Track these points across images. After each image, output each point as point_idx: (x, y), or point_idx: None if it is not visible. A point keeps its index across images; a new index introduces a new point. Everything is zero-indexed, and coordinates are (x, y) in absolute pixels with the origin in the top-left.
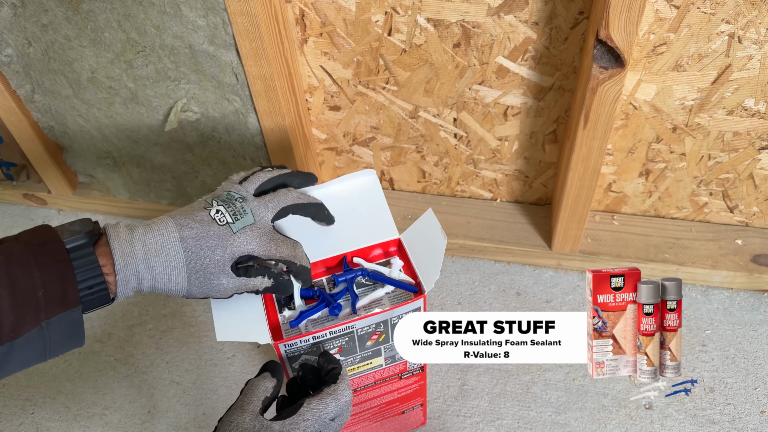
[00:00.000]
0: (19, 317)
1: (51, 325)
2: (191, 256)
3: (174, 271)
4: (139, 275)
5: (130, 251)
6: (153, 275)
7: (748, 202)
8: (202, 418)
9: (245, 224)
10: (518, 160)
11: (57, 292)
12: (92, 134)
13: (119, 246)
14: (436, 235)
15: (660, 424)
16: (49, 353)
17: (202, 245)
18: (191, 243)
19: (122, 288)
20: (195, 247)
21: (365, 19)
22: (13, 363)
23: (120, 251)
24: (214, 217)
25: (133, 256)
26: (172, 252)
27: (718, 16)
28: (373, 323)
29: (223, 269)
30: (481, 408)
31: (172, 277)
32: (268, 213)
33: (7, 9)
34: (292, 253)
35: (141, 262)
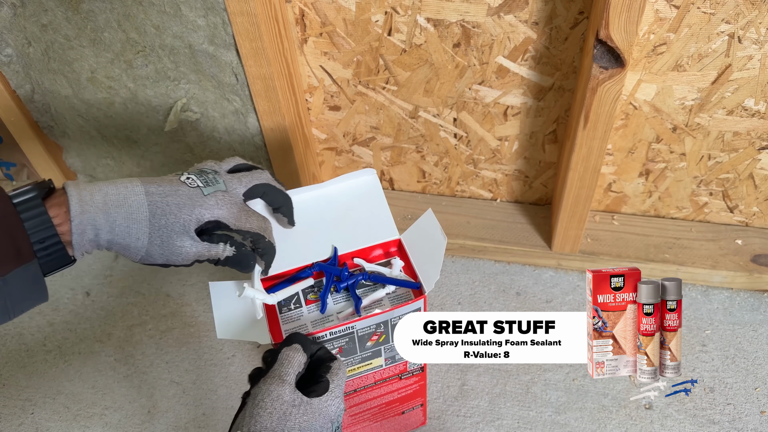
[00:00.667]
0: None
1: (8, 281)
2: (155, 211)
3: (135, 225)
4: (97, 225)
5: (89, 199)
6: (112, 226)
7: (748, 202)
8: (201, 418)
9: (215, 190)
10: (518, 160)
11: (8, 247)
12: (92, 134)
13: (77, 193)
14: (436, 235)
15: (660, 424)
16: (12, 310)
17: (168, 202)
18: (157, 198)
19: (77, 238)
20: (161, 203)
21: (365, 19)
22: None
23: (77, 197)
24: (184, 181)
25: (91, 203)
26: (134, 204)
27: (718, 16)
28: (373, 324)
29: (188, 230)
30: (481, 408)
31: (132, 230)
32: (241, 187)
33: (6, 9)
34: (263, 226)
35: (99, 210)
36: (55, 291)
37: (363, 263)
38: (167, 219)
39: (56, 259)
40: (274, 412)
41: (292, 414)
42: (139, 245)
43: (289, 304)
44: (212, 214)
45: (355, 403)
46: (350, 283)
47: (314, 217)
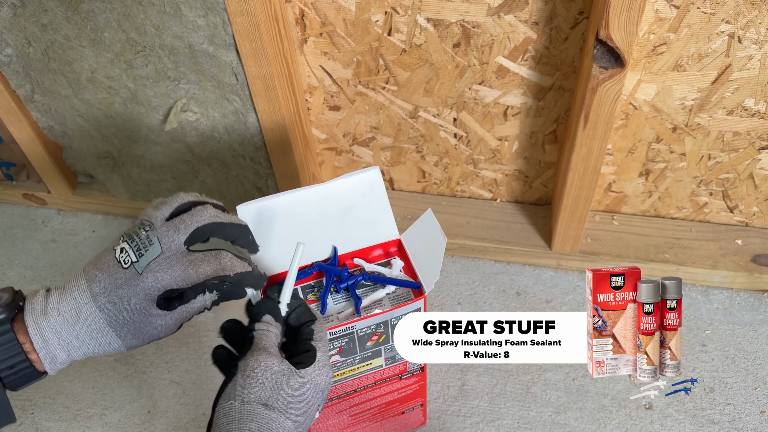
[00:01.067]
0: None
1: None
2: (109, 314)
3: (100, 334)
4: (65, 346)
5: (46, 326)
6: (81, 342)
7: (748, 202)
8: (201, 418)
9: (150, 259)
10: (518, 160)
11: None
12: (92, 134)
13: (34, 322)
14: (436, 235)
15: (660, 424)
16: None
17: (113, 298)
18: (103, 300)
19: (50, 364)
20: (107, 302)
21: (365, 19)
22: None
23: (35, 328)
24: (119, 259)
25: (51, 330)
26: (89, 315)
27: (718, 16)
28: (373, 324)
29: (149, 313)
30: (481, 408)
31: (100, 340)
32: (179, 236)
33: (6, 9)
34: (218, 268)
35: (62, 332)
36: None
37: (363, 263)
38: (123, 316)
39: (24, 377)
40: (266, 382)
41: (284, 383)
42: (116, 347)
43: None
44: (158, 288)
45: (355, 403)
46: (350, 283)
47: (315, 215)
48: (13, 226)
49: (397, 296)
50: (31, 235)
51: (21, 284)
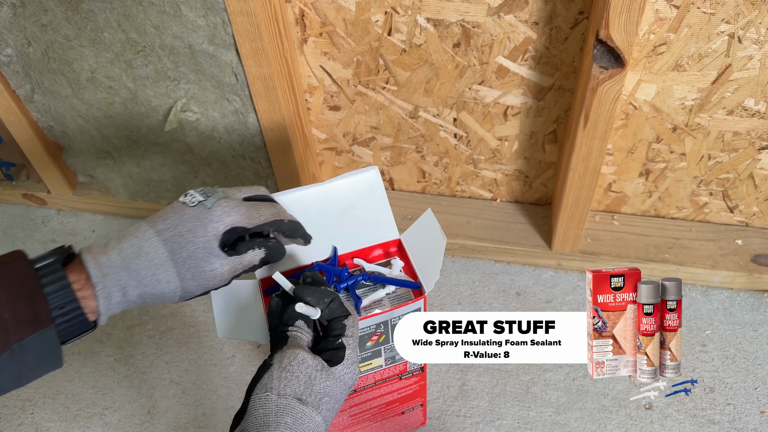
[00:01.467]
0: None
1: (24, 348)
2: (173, 247)
3: (160, 269)
4: (122, 284)
5: (105, 260)
6: (138, 280)
7: (748, 202)
8: (201, 418)
9: (217, 198)
10: (518, 160)
11: (26, 311)
12: (92, 134)
13: (92, 257)
14: (436, 235)
15: (660, 425)
16: (24, 378)
17: (180, 231)
18: (168, 234)
19: (104, 302)
20: (174, 236)
21: (365, 19)
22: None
23: (94, 262)
24: (184, 201)
25: (110, 265)
26: (151, 249)
27: (718, 16)
28: (373, 324)
29: (211, 250)
30: (481, 408)
31: (159, 276)
32: (239, 193)
33: (6, 9)
34: (276, 212)
35: (121, 269)
36: None
37: (363, 263)
38: (187, 249)
39: (75, 326)
40: (300, 376)
41: (317, 379)
42: (173, 288)
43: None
44: (224, 223)
45: (355, 403)
46: (350, 283)
47: (315, 215)
48: (12, 226)
49: (397, 296)
50: (31, 235)
51: None
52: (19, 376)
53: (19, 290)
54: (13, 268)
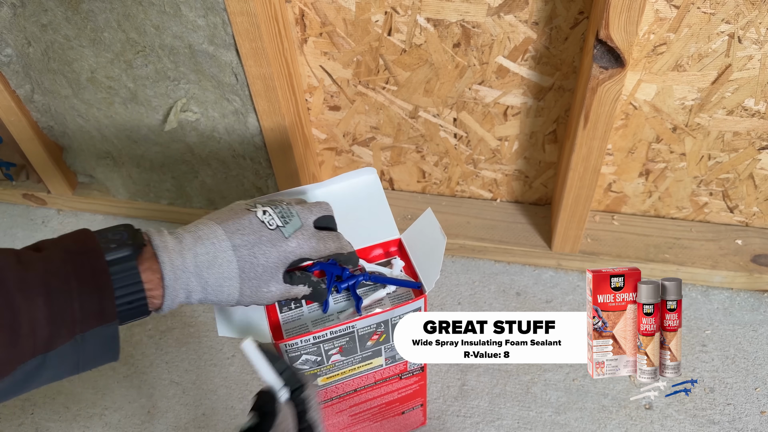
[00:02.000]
0: (54, 330)
1: (86, 338)
2: (244, 266)
3: (227, 282)
4: (189, 289)
5: (180, 264)
6: (204, 288)
7: (748, 202)
8: (201, 418)
9: (294, 228)
10: (518, 160)
11: (94, 305)
12: (92, 134)
13: (169, 259)
14: (436, 235)
15: (660, 425)
16: (82, 367)
17: (255, 252)
18: (244, 251)
19: (169, 302)
20: (248, 255)
21: (365, 19)
22: (44, 376)
23: (170, 264)
24: (263, 220)
25: (184, 270)
26: (225, 263)
27: (718, 16)
28: (373, 323)
29: (275, 276)
30: (481, 408)
31: (224, 288)
32: (312, 216)
33: (6, 9)
34: (339, 245)
35: (192, 275)
36: None
37: (363, 263)
38: (256, 271)
39: (134, 312)
40: None
41: None
42: (230, 299)
43: (289, 304)
44: (296, 254)
45: (355, 403)
46: (351, 283)
47: None
48: (13, 226)
49: (397, 296)
50: (31, 236)
51: None
52: (77, 365)
53: (91, 284)
54: (88, 260)
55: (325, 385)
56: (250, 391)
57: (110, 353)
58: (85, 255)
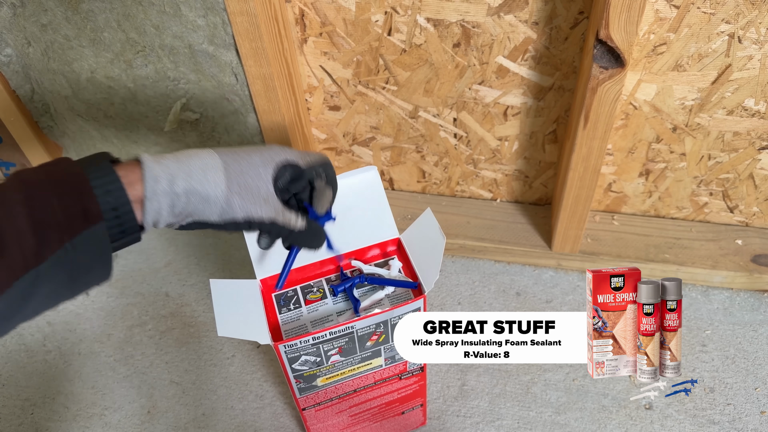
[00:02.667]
0: (41, 238)
1: (75, 246)
2: (228, 160)
3: (211, 171)
4: (171, 172)
5: (158, 158)
6: (188, 173)
7: (748, 202)
8: (201, 418)
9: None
10: (518, 160)
11: (75, 207)
12: (91, 134)
13: (148, 158)
14: (435, 235)
15: (660, 425)
16: (76, 279)
17: (237, 152)
18: (226, 152)
19: (151, 185)
20: (230, 153)
21: (365, 19)
22: (41, 293)
23: (146, 156)
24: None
25: (163, 157)
26: (206, 155)
27: (718, 16)
28: (373, 323)
29: (264, 176)
30: (481, 408)
31: (209, 176)
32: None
33: (6, 9)
34: (322, 158)
35: (172, 161)
36: None
37: (361, 265)
38: (241, 164)
39: (124, 224)
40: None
41: None
42: (219, 192)
43: (288, 304)
44: (280, 156)
45: (355, 403)
46: (348, 285)
47: None
48: None
49: (396, 296)
50: None
51: None
52: (72, 276)
53: (68, 185)
54: (61, 167)
55: (325, 385)
56: (250, 391)
57: (102, 264)
58: (57, 164)
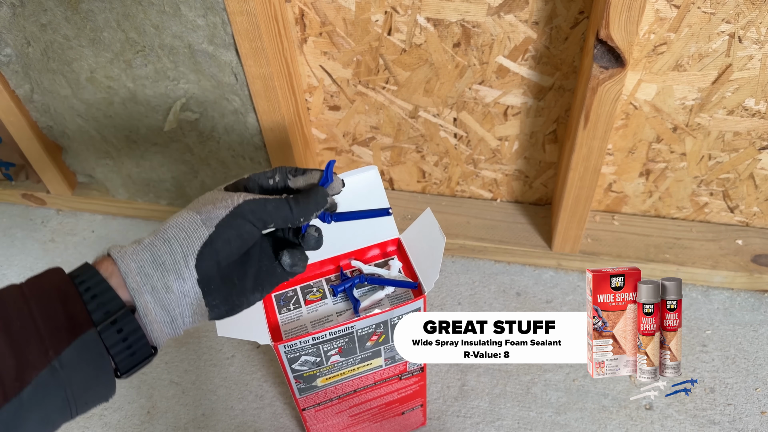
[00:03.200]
0: (21, 359)
1: (64, 363)
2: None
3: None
4: (141, 242)
5: (125, 246)
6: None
7: (748, 202)
8: (201, 418)
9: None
10: (518, 160)
11: (60, 316)
12: (91, 134)
13: (115, 247)
14: (435, 235)
15: (660, 425)
16: (73, 402)
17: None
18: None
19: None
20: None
21: (365, 19)
22: (30, 422)
23: (118, 247)
24: None
25: (137, 242)
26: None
27: (718, 16)
28: (372, 324)
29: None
30: (481, 408)
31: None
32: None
33: (6, 8)
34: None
35: (147, 238)
36: None
37: (360, 265)
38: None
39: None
40: None
41: None
42: (193, 222)
43: (288, 304)
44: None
45: (354, 403)
46: (347, 286)
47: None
48: (12, 226)
49: (396, 296)
50: (30, 235)
51: None
52: (66, 400)
53: (52, 295)
54: (46, 277)
55: (325, 385)
56: (249, 391)
57: (102, 379)
58: (43, 275)
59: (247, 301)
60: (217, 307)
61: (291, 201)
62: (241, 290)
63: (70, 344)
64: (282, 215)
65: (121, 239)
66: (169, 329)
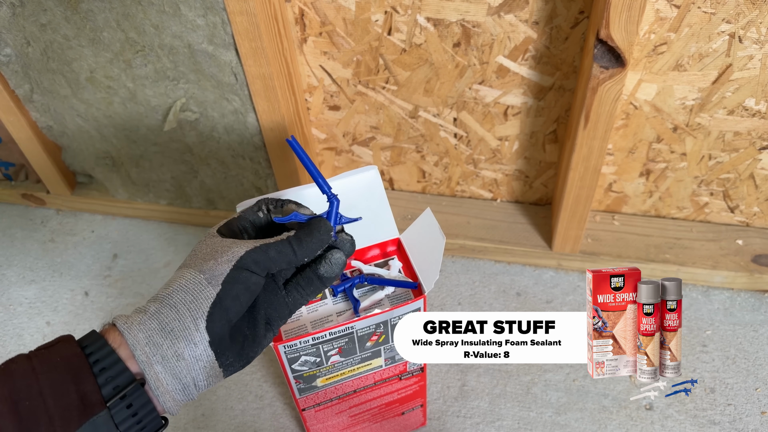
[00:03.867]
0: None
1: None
2: (195, 258)
3: (185, 272)
4: (145, 310)
5: (131, 316)
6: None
7: (748, 202)
8: (201, 419)
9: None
10: (518, 160)
11: (72, 395)
12: (91, 134)
13: (120, 318)
14: (435, 235)
15: (660, 425)
16: None
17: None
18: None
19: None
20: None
21: (365, 19)
22: None
23: (123, 317)
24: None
25: (139, 311)
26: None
27: (718, 16)
28: (372, 324)
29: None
30: (482, 409)
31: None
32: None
33: (5, 8)
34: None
35: (150, 305)
36: (54, 291)
37: (360, 265)
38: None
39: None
40: None
41: None
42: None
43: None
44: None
45: (354, 403)
46: (347, 286)
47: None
48: (11, 226)
49: (396, 296)
50: (30, 235)
51: (20, 284)
52: None
53: (62, 371)
54: (56, 349)
55: (325, 385)
56: (249, 392)
57: None
58: (54, 346)
59: (261, 347)
60: (231, 366)
61: (293, 241)
62: (254, 340)
63: (81, 426)
64: (286, 259)
65: (120, 239)
66: (182, 396)
